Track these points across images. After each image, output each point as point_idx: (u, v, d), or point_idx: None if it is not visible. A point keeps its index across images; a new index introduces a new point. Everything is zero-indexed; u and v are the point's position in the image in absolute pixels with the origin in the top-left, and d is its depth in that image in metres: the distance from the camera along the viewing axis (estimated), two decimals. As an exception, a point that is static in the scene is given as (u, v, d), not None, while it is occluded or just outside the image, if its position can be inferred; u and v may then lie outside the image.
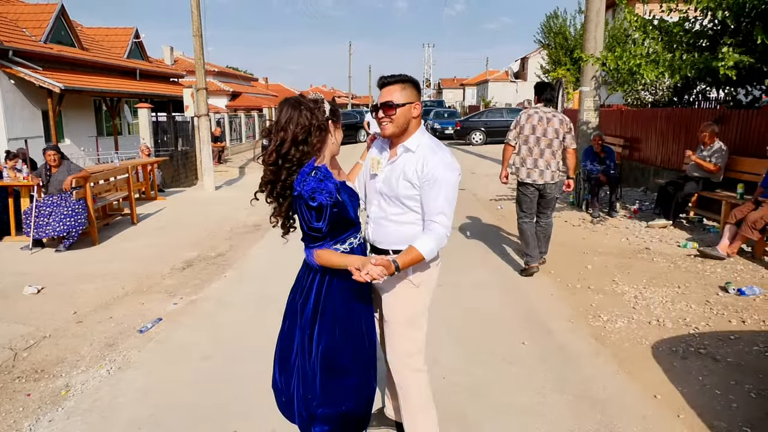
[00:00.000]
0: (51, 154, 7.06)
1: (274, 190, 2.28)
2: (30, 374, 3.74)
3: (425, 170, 2.35)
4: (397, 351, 2.54)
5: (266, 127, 2.29)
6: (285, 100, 2.27)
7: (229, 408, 3.26)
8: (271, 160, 2.22)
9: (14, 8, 17.25)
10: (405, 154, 2.43)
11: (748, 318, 4.40)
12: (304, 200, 2.16)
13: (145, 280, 5.81)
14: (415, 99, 2.41)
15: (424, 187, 2.36)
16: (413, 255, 2.30)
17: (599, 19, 8.99)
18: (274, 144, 2.20)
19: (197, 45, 12.55)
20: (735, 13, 6.35)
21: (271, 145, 2.22)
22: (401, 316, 2.50)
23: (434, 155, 2.38)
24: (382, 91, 2.40)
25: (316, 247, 2.30)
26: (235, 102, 35.71)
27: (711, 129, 7.44)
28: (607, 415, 3.11)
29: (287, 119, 2.19)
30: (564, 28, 21.60)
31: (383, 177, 2.46)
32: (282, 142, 2.18)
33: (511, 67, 50.86)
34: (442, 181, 2.35)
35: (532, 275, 5.62)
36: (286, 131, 2.18)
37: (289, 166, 2.20)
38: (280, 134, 2.19)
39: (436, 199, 2.35)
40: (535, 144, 5.49)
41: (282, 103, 2.26)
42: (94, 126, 18.72)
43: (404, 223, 2.46)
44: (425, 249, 2.31)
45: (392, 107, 2.36)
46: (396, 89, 2.37)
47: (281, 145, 2.18)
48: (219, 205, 10.66)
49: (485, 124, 24.19)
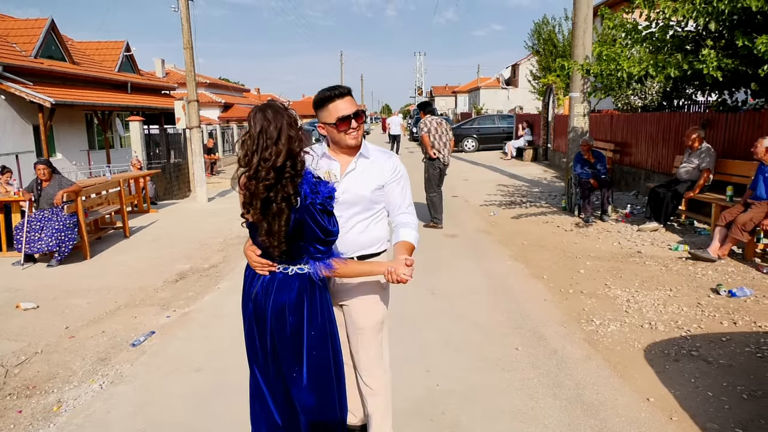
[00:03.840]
0: (41, 168, 7.05)
1: (270, 206, 2.07)
2: (21, 390, 3.71)
3: (393, 169, 2.50)
4: (371, 354, 2.56)
5: (249, 139, 2.09)
6: (265, 106, 2.11)
7: (223, 421, 3.24)
8: (269, 177, 2.03)
9: (4, 23, 17.25)
10: (360, 161, 2.48)
11: (739, 319, 4.42)
12: (318, 207, 2.08)
13: (138, 293, 5.78)
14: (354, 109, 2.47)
15: (392, 185, 2.51)
16: (411, 247, 2.44)
17: (587, 25, 9.08)
18: (271, 156, 2.03)
19: (188, 57, 12.58)
20: (715, 18, 6.42)
21: (259, 158, 2.04)
22: (373, 320, 2.53)
23: (388, 155, 2.55)
24: (342, 101, 2.37)
25: (332, 257, 2.20)
26: (227, 113, 35.74)
27: (696, 134, 7.51)
28: (600, 419, 3.12)
29: (278, 128, 2.05)
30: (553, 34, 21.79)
31: (344, 187, 2.43)
32: (278, 155, 2.03)
33: (502, 74, 51.12)
34: (406, 175, 2.58)
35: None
36: (278, 142, 2.04)
37: (289, 177, 2.05)
38: (274, 147, 2.03)
39: (404, 193, 2.55)
40: (439, 138, 8.19)
41: (261, 109, 2.09)
42: (86, 140, 18.68)
43: (373, 225, 2.52)
44: (414, 238, 2.48)
45: (361, 116, 2.41)
46: (352, 100, 2.41)
47: (277, 158, 2.03)
48: (212, 216, 10.64)
49: (477, 131, 24.30)
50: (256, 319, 2.25)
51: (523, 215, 9.26)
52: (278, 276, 2.21)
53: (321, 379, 2.27)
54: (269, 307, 2.21)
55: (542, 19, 22.54)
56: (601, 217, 8.51)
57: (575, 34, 9.32)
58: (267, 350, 2.25)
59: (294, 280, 2.20)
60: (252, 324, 2.28)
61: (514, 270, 6.16)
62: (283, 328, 2.20)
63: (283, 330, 2.21)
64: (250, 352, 2.33)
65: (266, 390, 2.31)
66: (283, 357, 2.23)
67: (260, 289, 2.23)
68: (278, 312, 2.20)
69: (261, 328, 2.24)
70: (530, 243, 7.31)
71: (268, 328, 2.22)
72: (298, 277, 2.21)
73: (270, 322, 2.21)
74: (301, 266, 2.20)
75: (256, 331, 2.26)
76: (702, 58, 6.40)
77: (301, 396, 2.26)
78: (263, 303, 2.22)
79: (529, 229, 8.16)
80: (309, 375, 2.24)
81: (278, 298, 2.20)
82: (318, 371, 2.26)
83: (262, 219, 2.09)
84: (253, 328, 2.28)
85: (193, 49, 12.61)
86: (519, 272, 6.06)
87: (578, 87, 9.22)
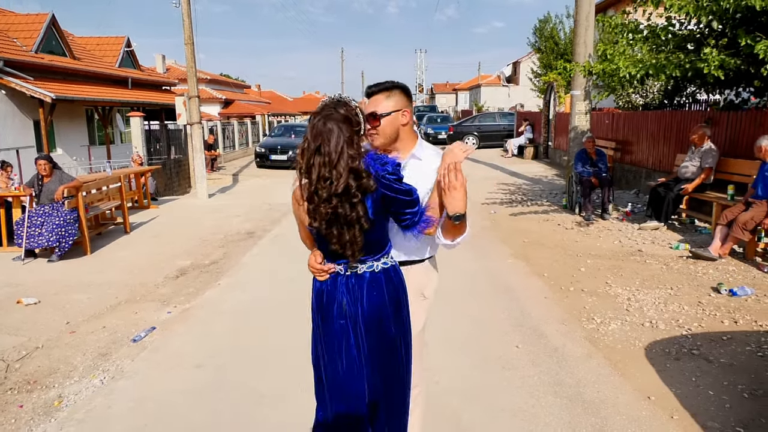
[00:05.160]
0: (42, 163, 7.04)
1: (338, 220, 1.97)
2: (22, 385, 3.72)
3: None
4: (416, 364, 2.45)
5: (308, 151, 1.97)
6: (326, 116, 1.98)
7: (224, 416, 3.25)
8: (332, 202, 1.94)
9: (5, 18, 17.21)
10: (411, 162, 2.34)
11: (740, 318, 4.42)
12: (391, 177, 2.00)
13: (139, 289, 5.78)
14: (403, 106, 2.30)
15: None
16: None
17: (589, 23, 9.06)
18: (331, 177, 1.92)
19: (189, 53, 12.55)
20: (718, 17, 6.41)
21: (317, 176, 1.94)
22: (416, 329, 2.42)
23: (440, 155, 2.33)
24: (369, 101, 2.33)
25: (423, 214, 2.10)
26: (227, 109, 35.66)
27: (702, 131, 7.50)
28: (601, 417, 3.12)
29: (338, 149, 1.92)
30: (554, 32, 21.77)
31: None
32: (338, 179, 1.91)
33: (503, 72, 51.04)
34: None
35: None
36: (338, 165, 1.92)
37: (357, 199, 1.95)
38: (333, 171, 1.92)
39: None
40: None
41: (322, 119, 1.97)
42: (86, 135, 18.65)
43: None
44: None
45: (376, 118, 2.25)
46: (381, 98, 2.28)
47: (338, 182, 1.91)
48: (212, 213, 10.63)
49: (478, 128, 24.27)
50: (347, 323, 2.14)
51: (523, 213, 9.26)
52: (365, 275, 2.11)
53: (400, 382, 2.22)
54: (363, 310, 2.10)
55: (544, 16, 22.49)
56: (601, 215, 8.51)
57: (577, 32, 9.31)
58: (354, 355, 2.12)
59: (380, 276, 2.13)
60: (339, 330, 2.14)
61: (515, 268, 6.16)
62: (380, 329, 2.12)
63: (381, 331, 2.13)
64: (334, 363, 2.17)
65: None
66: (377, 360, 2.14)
67: (346, 292, 2.12)
68: (374, 313, 2.11)
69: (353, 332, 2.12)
70: (531, 241, 7.31)
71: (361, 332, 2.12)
72: (383, 273, 2.14)
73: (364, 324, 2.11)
74: (385, 260, 2.15)
75: (345, 338, 2.13)
76: (704, 56, 6.39)
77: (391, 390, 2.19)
78: (353, 306, 2.11)
79: (530, 227, 8.16)
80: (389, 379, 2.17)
81: (372, 299, 2.10)
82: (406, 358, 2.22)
83: (330, 230, 2.00)
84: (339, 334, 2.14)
85: (194, 45, 12.59)
86: (519, 270, 6.06)
87: (580, 85, 9.21)
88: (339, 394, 2.14)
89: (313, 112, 2.06)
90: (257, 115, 33.00)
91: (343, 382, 2.12)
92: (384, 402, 2.15)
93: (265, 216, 9.95)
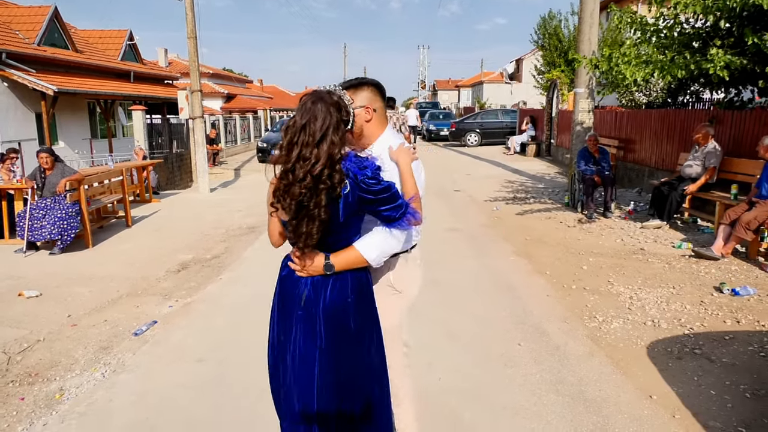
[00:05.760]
0: (44, 156, 7.03)
1: (302, 209, 1.96)
2: (24, 378, 3.72)
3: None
4: (395, 361, 2.46)
5: (293, 128, 1.96)
6: (317, 98, 1.98)
7: (225, 411, 3.25)
8: (306, 181, 1.91)
9: (7, 10, 17.18)
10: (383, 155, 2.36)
11: (742, 318, 4.41)
12: (370, 181, 2.00)
13: (140, 283, 5.78)
14: (368, 102, 2.30)
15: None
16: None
17: (593, 20, 9.02)
18: (310, 157, 1.91)
19: (191, 47, 12.53)
20: (725, 15, 6.38)
21: (298, 154, 1.93)
22: (388, 323, 2.41)
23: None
24: None
25: (407, 206, 2.09)
26: (230, 104, 35.66)
27: (706, 130, 7.48)
28: (603, 415, 3.11)
29: (323, 129, 1.93)
30: (558, 29, 21.66)
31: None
32: (317, 159, 1.91)
33: (505, 69, 50.91)
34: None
35: None
36: (321, 145, 1.92)
37: (324, 189, 1.93)
38: (315, 150, 1.92)
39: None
40: (394, 128, 8.51)
41: (313, 101, 1.98)
42: (88, 128, 18.65)
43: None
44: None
45: None
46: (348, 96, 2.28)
47: (317, 162, 1.91)
48: (214, 207, 10.63)
49: (480, 125, 24.23)
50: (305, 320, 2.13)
51: (525, 211, 9.25)
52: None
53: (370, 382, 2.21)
54: (322, 306, 2.10)
55: (548, 13, 22.33)
56: (604, 213, 8.49)
57: (581, 29, 9.27)
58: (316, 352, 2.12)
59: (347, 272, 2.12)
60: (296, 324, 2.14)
61: (517, 265, 6.15)
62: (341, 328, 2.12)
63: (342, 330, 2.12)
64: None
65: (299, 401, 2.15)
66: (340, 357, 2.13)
67: (310, 288, 2.12)
68: (335, 312, 2.10)
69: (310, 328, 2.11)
70: (533, 239, 7.29)
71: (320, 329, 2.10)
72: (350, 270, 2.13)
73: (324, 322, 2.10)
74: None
75: (302, 328, 2.12)
76: (710, 57, 6.35)
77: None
78: (314, 302, 2.11)
79: (532, 225, 8.14)
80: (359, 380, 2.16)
81: (334, 294, 2.10)
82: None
83: (293, 218, 1.99)
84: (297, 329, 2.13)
85: (196, 39, 12.55)
86: (521, 268, 6.05)
87: (583, 82, 9.17)
88: (292, 383, 2.13)
89: (305, 94, 2.07)
90: (259, 109, 32.95)
91: (296, 372, 2.11)
92: (348, 396, 2.13)
93: (266, 211, 9.93)
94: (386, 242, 2.12)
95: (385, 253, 2.14)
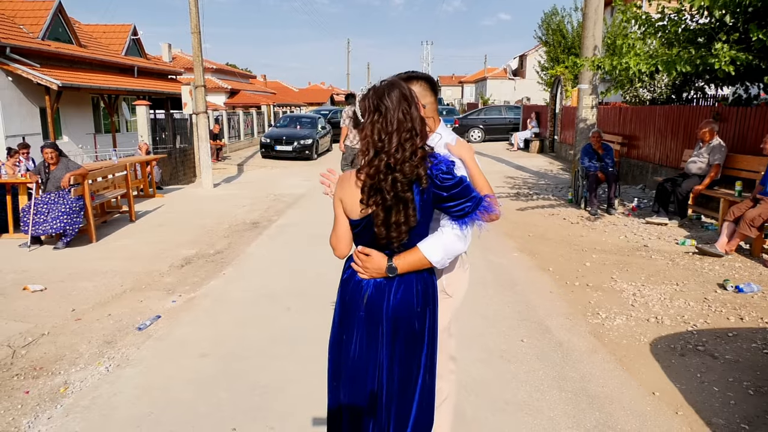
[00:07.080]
0: (48, 152, 7.04)
1: (389, 197, 1.94)
2: (28, 371, 3.74)
3: None
4: (442, 358, 2.43)
5: (383, 121, 1.94)
6: (400, 95, 1.96)
7: (228, 405, 3.26)
8: (405, 172, 1.91)
9: (11, 5, 17.17)
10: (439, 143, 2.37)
11: (746, 315, 4.41)
12: (445, 176, 1.97)
13: (144, 278, 5.80)
14: (419, 97, 2.23)
15: None
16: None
17: (597, 17, 8.99)
18: (407, 150, 1.91)
19: (195, 42, 12.52)
20: (732, 11, 6.35)
21: (397, 144, 1.91)
22: (441, 325, 2.39)
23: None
24: None
25: (482, 202, 2.06)
26: (233, 99, 35.65)
27: (710, 126, 7.45)
28: (606, 412, 3.12)
29: (413, 119, 1.94)
30: (562, 25, 21.59)
31: None
32: (414, 152, 1.93)
33: (509, 65, 50.77)
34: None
35: None
36: (416, 138, 1.93)
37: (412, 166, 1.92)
38: (415, 141, 1.93)
39: None
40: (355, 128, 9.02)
41: (398, 98, 1.95)
42: (92, 123, 18.67)
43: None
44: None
45: None
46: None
47: (414, 154, 1.92)
48: (217, 202, 10.64)
49: (484, 121, 24.20)
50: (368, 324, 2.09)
51: (529, 207, 9.24)
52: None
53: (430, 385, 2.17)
54: (385, 308, 2.06)
55: (552, 9, 22.28)
56: (607, 210, 8.48)
57: (585, 26, 9.24)
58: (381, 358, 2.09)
59: (411, 275, 2.07)
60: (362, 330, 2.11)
61: (520, 262, 6.15)
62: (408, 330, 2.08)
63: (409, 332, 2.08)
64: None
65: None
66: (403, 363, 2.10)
67: (373, 290, 2.08)
68: (399, 314, 2.06)
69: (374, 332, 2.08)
70: (536, 235, 7.29)
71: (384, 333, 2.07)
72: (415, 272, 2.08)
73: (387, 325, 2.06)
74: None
75: (365, 328, 2.10)
76: (715, 52, 6.33)
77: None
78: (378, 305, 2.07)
79: (535, 221, 8.14)
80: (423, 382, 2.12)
81: (398, 296, 2.06)
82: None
83: (381, 209, 1.95)
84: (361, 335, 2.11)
85: (200, 34, 12.55)
86: (525, 264, 6.05)
87: (587, 79, 9.15)
88: (351, 380, 2.12)
89: (382, 83, 2.03)
90: (262, 105, 32.96)
91: (356, 368, 2.10)
92: (403, 396, 2.11)
93: (269, 206, 9.96)
94: (452, 244, 2.05)
95: (449, 254, 2.07)
